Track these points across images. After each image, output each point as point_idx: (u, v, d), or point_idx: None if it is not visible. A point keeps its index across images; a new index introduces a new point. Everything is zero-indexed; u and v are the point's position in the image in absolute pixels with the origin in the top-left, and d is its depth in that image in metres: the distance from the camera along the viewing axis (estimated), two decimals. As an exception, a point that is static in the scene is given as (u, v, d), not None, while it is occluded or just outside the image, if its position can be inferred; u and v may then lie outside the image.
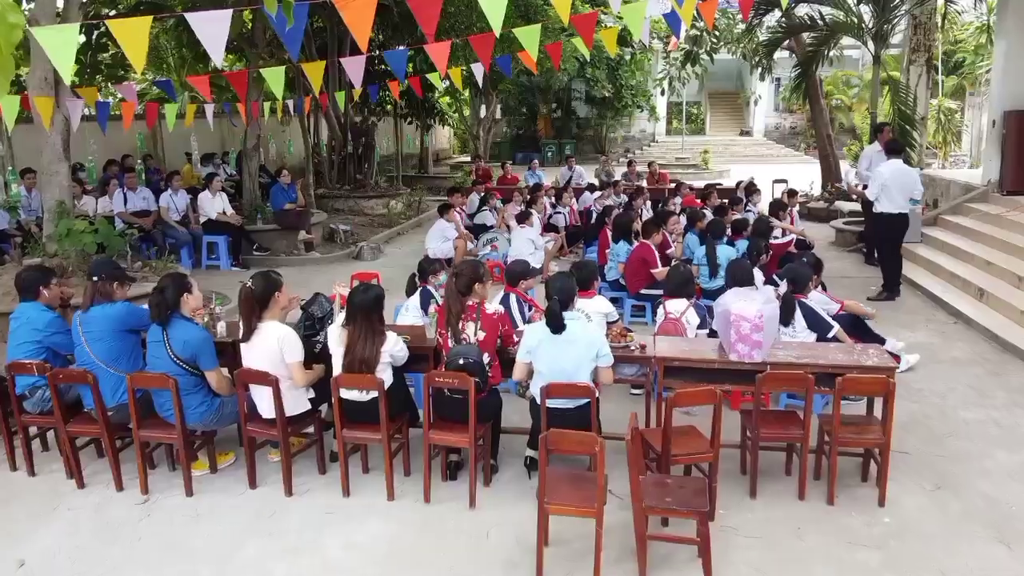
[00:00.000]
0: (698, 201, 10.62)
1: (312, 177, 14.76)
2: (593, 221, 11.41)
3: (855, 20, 12.11)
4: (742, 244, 8.25)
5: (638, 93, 29.01)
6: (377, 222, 14.38)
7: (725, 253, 7.73)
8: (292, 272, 10.50)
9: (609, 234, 8.77)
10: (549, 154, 30.72)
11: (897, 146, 8.81)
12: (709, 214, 9.67)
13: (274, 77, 7.94)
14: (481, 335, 4.50)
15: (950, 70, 24.95)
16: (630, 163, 15.14)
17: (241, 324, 4.51)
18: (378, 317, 4.39)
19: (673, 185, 13.61)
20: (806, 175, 21.24)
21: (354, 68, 8.08)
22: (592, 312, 5.14)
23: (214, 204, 10.75)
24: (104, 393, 4.39)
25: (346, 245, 12.27)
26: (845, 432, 4.27)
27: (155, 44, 16.61)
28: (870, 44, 11.76)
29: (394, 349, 4.39)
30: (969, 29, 23.16)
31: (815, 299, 5.88)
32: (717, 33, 13.52)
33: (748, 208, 10.42)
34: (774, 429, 4.40)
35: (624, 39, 28.85)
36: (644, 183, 14.98)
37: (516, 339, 4.65)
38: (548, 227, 11.24)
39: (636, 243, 8.08)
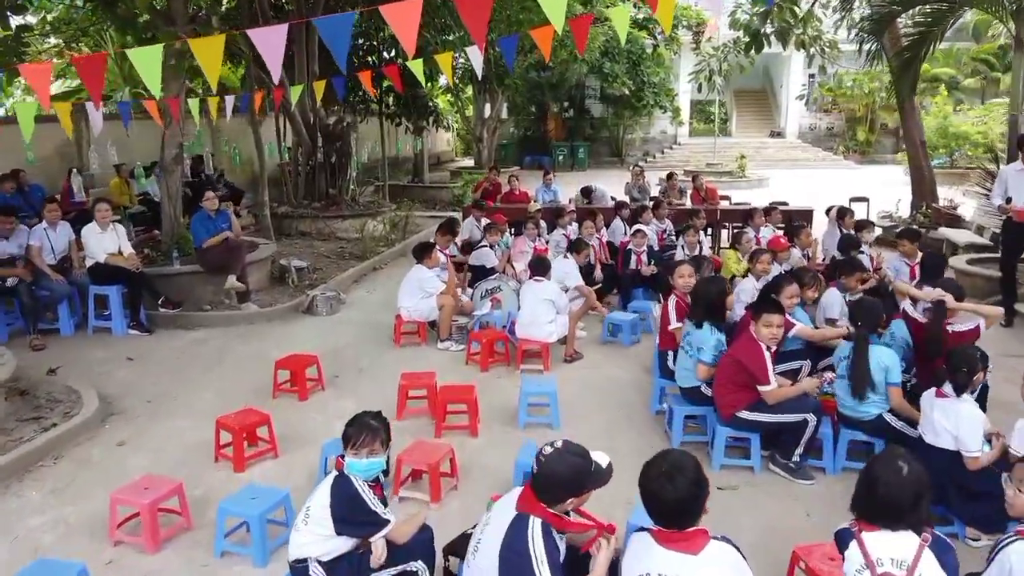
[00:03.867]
0: (784, 239, 7.47)
1: (267, 193, 11.66)
2: (634, 265, 8.26)
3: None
4: (898, 329, 5.17)
5: (661, 91, 25.83)
6: (350, 251, 11.27)
7: (884, 360, 4.59)
8: (210, 338, 7.41)
9: (672, 305, 5.60)
10: (560, 157, 27.61)
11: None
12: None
13: (145, 60, 5.11)
14: None
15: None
16: (669, 176, 11.97)
17: None
18: None
19: (741, 206, 10.47)
20: (881, 189, 18.04)
21: (268, 42, 5.11)
22: None
23: (103, 241, 7.65)
24: None
25: (301, 289, 9.18)
26: None
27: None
28: (1011, 23, 8.59)
29: None
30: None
31: None
32: (796, 9, 10.30)
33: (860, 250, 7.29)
34: None
35: (645, 26, 25.89)
36: (686, 200, 11.83)
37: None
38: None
39: (744, 330, 4.93)
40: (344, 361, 6.74)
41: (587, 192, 12.02)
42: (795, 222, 8.63)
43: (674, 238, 10.54)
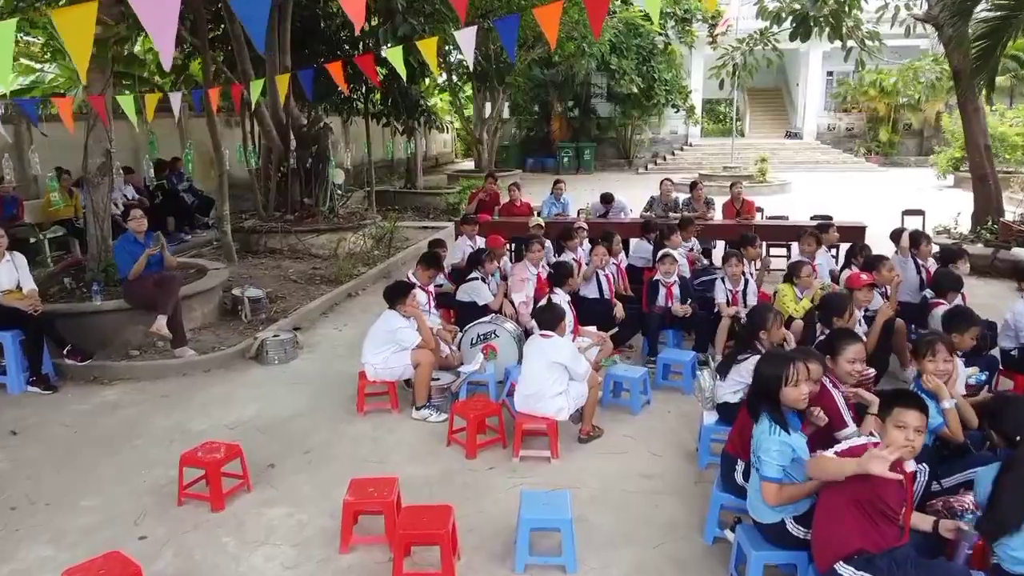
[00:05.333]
0: (866, 275, 5.82)
1: (228, 205, 10.07)
2: (662, 301, 6.62)
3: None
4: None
5: (674, 88, 24.19)
6: (322, 273, 9.66)
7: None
8: (125, 400, 5.81)
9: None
10: (565, 159, 25.99)
11: None
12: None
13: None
14: None
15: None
16: (694, 185, 10.32)
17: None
18: None
19: (778, 221, 8.89)
20: (915, 196, 16.42)
21: (155, 15, 3.63)
22: None
23: (-8, 275, 6.06)
24: None
25: (255, 325, 7.58)
26: None
27: None
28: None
29: None
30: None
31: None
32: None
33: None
34: None
35: (650, 19, 24.20)
36: (714, 213, 10.18)
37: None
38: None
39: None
40: (287, 439, 5.13)
41: (607, 199, 10.37)
42: (861, 247, 7.00)
43: (703, 258, 8.96)
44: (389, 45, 9.14)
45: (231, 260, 10.04)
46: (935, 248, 7.37)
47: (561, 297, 5.81)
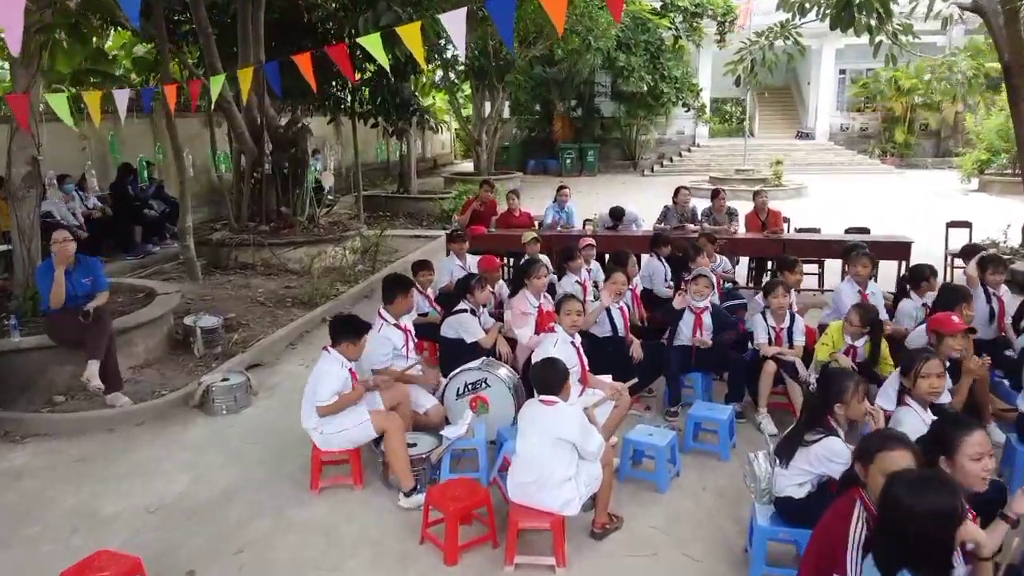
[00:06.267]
0: (956, 317, 4.69)
1: (191, 217, 8.97)
2: (688, 334, 5.50)
3: None
4: None
5: (684, 86, 23.04)
6: (295, 293, 8.55)
7: None
8: (31, 467, 4.70)
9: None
10: (567, 161, 24.86)
11: None
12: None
13: None
14: None
15: None
16: (716, 193, 9.17)
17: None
18: None
19: (809, 235, 7.85)
20: (937, 202, 15.28)
21: None
22: None
23: None
24: None
25: (208, 360, 6.48)
26: None
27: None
28: None
29: None
30: None
31: None
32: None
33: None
34: None
35: (665, 14, 23.01)
36: (738, 227, 9.02)
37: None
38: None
39: None
40: (217, 529, 4.02)
41: (617, 215, 9.24)
42: (926, 271, 5.86)
43: (733, 278, 7.87)
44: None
45: (195, 278, 8.96)
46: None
47: (563, 339, 4.68)
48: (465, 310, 5.59)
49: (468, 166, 25.25)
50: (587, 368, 4.77)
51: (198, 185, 13.79)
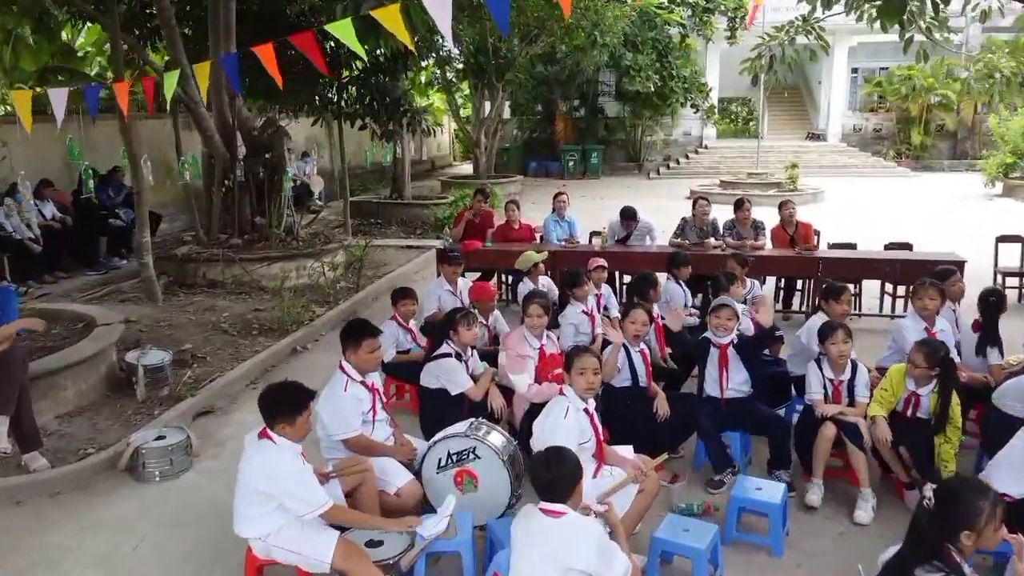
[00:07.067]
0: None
1: (148, 230, 7.98)
2: (716, 381, 4.50)
3: None
4: None
5: (692, 86, 22.03)
6: (264, 319, 7.54)
7: None
8: None
9: None
10: (570, 163, 23.88)
11: None
12: None
13: None
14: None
15: None
16: (739, 204, 8.14)
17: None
18: None
19: (846, 253, 6.91)
20: (961, 207, 14.27)
21: None
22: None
23: None
24: None
25: (153, 404, 5.50)
26: None
27: None
28: None
29: None
30: None
31: None
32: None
33: None
34: None
35: (672, 10, 21.95)
36: (765, 242, 8.00)
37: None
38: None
39: None
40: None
41: (629, 214, 8.25)
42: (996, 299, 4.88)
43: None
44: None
45: (154, 300, 7.99)
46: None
47: (575, 405, 3.66)
48: (449, 354, 4.59)
49: (467, 168, 24.28)
50: (603, 440, 3.76)
51: (175, 192, 12.84)
